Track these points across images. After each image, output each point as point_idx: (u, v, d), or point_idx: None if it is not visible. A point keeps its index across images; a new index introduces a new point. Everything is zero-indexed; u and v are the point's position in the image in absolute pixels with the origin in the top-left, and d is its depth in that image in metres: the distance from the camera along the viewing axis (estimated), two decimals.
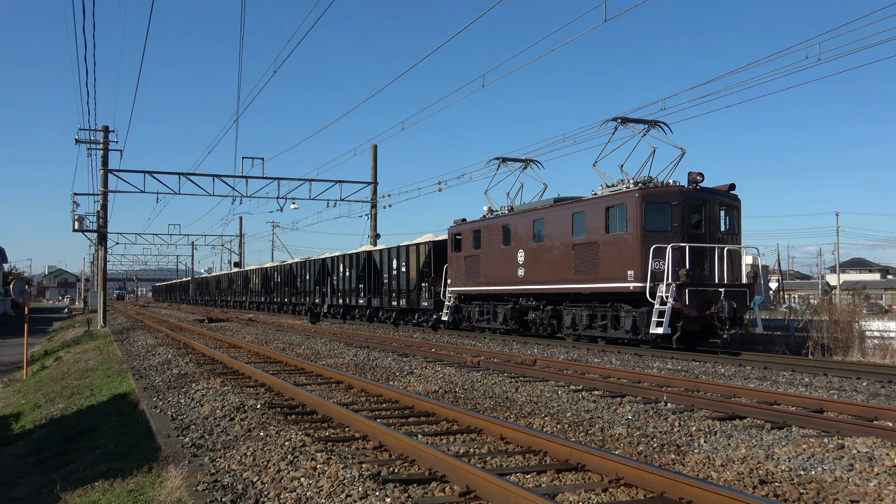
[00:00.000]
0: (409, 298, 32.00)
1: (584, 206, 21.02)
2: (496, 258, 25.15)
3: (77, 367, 22.56)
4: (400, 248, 33.52)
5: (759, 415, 9.84)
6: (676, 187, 19.46)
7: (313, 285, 45.95)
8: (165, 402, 11.98)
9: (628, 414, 10.17)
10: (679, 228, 18.92)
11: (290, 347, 22.64)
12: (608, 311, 20.49)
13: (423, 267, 30.96)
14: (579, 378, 13.63)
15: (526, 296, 24.11)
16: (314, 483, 6.50)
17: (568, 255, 21.29)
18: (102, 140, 41.62)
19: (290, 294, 51.93)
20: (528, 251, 23.34)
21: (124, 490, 7.18)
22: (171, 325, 37.50)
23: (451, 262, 28.41)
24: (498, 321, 25.50)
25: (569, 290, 21.46)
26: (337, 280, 41.67)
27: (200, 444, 8.63)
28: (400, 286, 32.99)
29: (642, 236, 18.75)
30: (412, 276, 31.88)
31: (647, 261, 18.47)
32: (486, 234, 25.98)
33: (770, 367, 15.84)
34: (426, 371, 15.53)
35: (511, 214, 24.93)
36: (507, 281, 24.45)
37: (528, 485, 6.66)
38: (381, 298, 35.22)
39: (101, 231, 43.13)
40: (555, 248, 22.00)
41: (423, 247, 31.22)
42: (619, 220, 19.43)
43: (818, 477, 6.86)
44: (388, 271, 34.34)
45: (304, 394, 11.45)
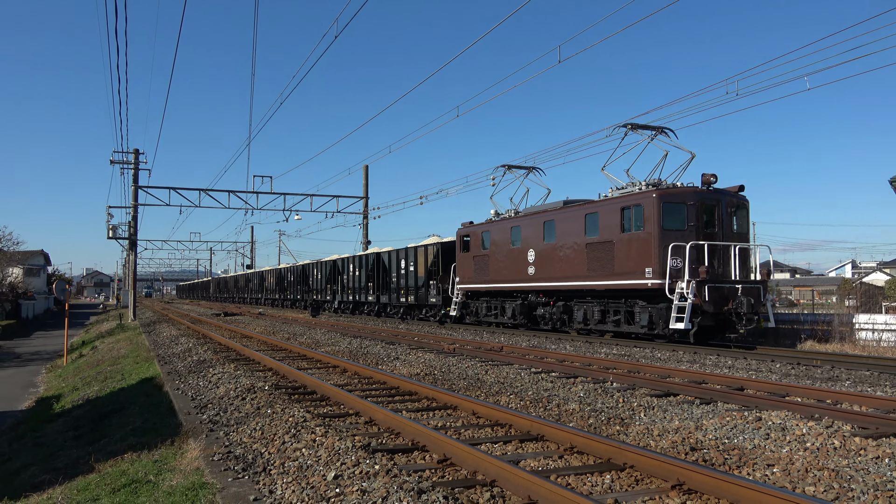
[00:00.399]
0: (418, 295, 30.41)
1: (597, 207, 19.28)
2: (505, 257, 23.49)
3: (110, 354, 22.27)
4: (408, 249, 31.82)
5: (690, 392, 9.87)
6: (691, 188, 17.84)
7: (324, 284, 44.34)
8: (186, 384, 11.84)
9: (580, 392, 10.17)
10: (694, 227, 17.38)
11: (294, 337, 22.48)
12: (621, 307, 18.85)
13: (431, 266, 29.42)
14: (539, 362, 13.63)
15: (535, 292, 22.41)
16: (314, 453, 6.44)
17: (581, 254, 19.72)
18: (133, 161, 41.14)
19: (302, 292, 50.04)
20: (538, 250, 21.67)
21: (150, 460, 7.08)
22: (192, 319, 37.11)
23: (459, 261, 26.72)
24: (506, 316, 23.95)
25: (581, 286, 19.83)
26: (347, 279, 40.03)
27: (216, 420, 8.53)
28: (408, 284, 31.43)
29: (660, 235, 17.12)
30: (420, 274, 30.28)
31: (665, 258, 16.93)
32: (495, 235, 24.32)
33: (698, 352, 15.92)
34: (410, 357, 15.46)
35: (520, 216, 23.21)
36: (517, 278, 22.80)
37: (496, 453, 6.63)
38: (389, 295, 33.63)
39: (131, 238, 42.69)
40: (566, 247, 20.38)
41: (432, 248, 29.73)
42: (635, 220, 17.82)
43: (740, 445, 6.89)
44: (396, 270, 32.77)
45: (305, 377, 11.36)
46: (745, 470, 5.96)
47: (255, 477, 5.94)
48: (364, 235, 47.59)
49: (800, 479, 5.68)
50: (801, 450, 6.58)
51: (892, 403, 8.69)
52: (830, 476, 5.70)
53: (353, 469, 5.80)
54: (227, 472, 6.09)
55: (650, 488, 5.40)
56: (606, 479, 5.70)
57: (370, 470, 5.73)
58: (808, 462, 6.13)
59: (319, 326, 28.12)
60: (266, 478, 5.88)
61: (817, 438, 6.89)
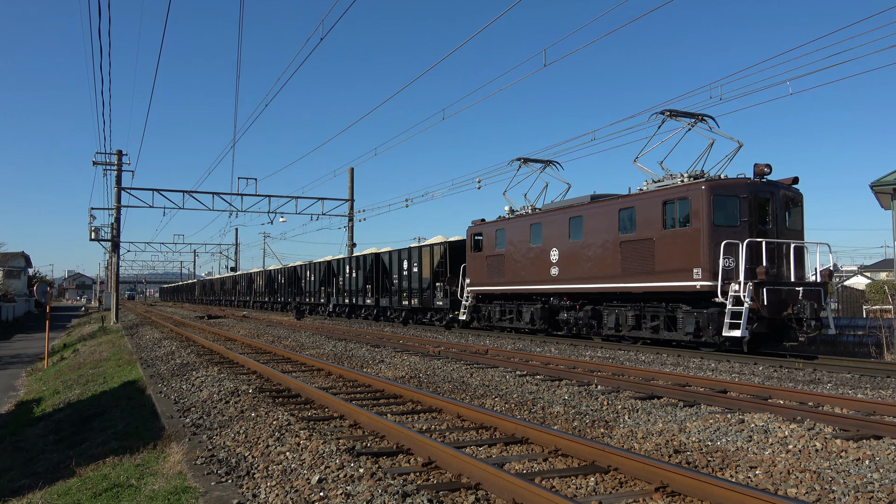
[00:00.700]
0: (423, 298, 28.62)
1: (633, 202, 17.45)
2: (524, 257, 21.64)
3: (92, 357, 22.05)
4: (412, 249, 29.97)
5: (673, 395, 9.92)
6: (744, 179, 16.04)
7: (318, 286, 42.57)
8: (169, 387, 11.74)
9: (565, 395, 10.20)
10: (747, 223, 15.58)
11: (278, 340, 22.37)
12: (660, 312, 16.98)
13: (437, 267, 27.65)
14: (524, 365, 13.65)
15: (558, 295, 20.60)
16: (298, 456, 6.41)
17: (613, 253, 17.89)
18: (117, 162, 40.84)
19: (293, 294, 47.95)
20: (562, 249, 19.89)
21: (132, 464, 7.02)
22: (175, 321, 36.83)
23: (470, 261, 24.77)
24: (523, 321, 22.03)
25: (613, 289, 17.99)
26: (343, 281, 37.99)
27: (199, 423, 8.47)
28: (412, 286, 29.55)
29: (711, 231, 15.37)
30: (426, 276, 28.50)
31: (716, 257, 15.19)
32: (511, 233, 22.42)
33: (682, 355, 16.00)
34: (395, 360, 15.43)
35: (542, 213, 21.26)
36: (538, 280, 20.93)
37: (481, 456, 6.63)
38: (389, 298, 31.79)
39: (114, 240, 42.35)
40: (596, 245, 18.59)
41: (438, 247, 27.84)
42: (680, 215, 16.08)
43: (723, 447, 6.93)
44: (398, 272, 30.91)
45: (289, 380, 11.30)
46: (728, 472, 6.00)
47: (239, 481, 5.90)
48: (349, 238, 47.51)
49: (782, 480, 5.72)
50: (784, 452, 6.63)
51: (872, 406, 8.78)
52: (812, 478, 5.75)
53: (338, 472, 5.78)
54: (210, 476, 6.04)
55: (634, 490, 5.42)
56: (591, 481, 5.71)
57: (354, 473, 5.71)
58: (791, 464, 6.18)
59: (304, 329, 28.01)
60: (250, 481, 5.84)
61: (799, 441, 6.95)
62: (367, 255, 34.92)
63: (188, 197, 42.67)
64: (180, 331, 27.06)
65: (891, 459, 6.30)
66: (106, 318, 43.43)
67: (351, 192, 47.77)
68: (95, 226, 43.06)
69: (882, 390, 10.76)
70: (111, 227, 42.07)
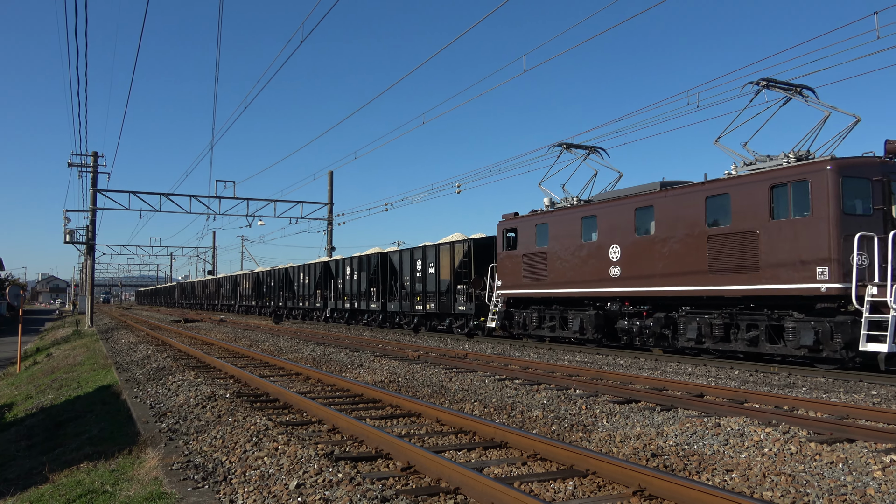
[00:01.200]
0: (441, 302, 25.50)
1: (726, 187, 14.85)
2: (573, 255, 18.85)
3: (66, 362, 21.74)
4: (428, 248, 26.84)
5: (651, 399, 9.99)
6: (875, 158, 13.50)
7: (313, 289, 39.16)
8: (145, 392, 11.62)
9: (544, 399, 10.23)
10: (881, 212, 13.15)
11: (256, 344, 22.22)
12: (760, 320, 14.30)
13: (459, 267, 24.67)
14: (503, 369, 13.67)
15: (618, 299, 17.78)
16: (276, 461, 6.37)
17: (697, 250, 15.19)
18: (92, 164, 40.37)
19: (285, 298, 44.59)
20: (626, 246, 17.10)
21: (107, 470, 6.92)
22: (151, 325, 36.44)
23: (501, 261, 21.83)
24: (570, 329, 19.19)
25: (698, 292, 15.24)
26: (342, 283, 34.86)
27: (176, 428, 8.39)
28: (427, 289, 26.46)
29: (840, 221, 12.80)
30: (444, 277, 25.39)
31: (847, 253, 12.64)
32: (556, 228, 19.61)
33: (660, 359, 16.12)
34: (374, 364, 15.39)
35: (597, 204, 18.46)
36: (591, 282, 18.18)
37: (460, 460, 6.63)
38: (399, 302, 28.68)
39: (89, 243, 41.84)
40: (673, 240, 15.85)
41: (461, 245, 24.87)
42: (795, 201, 13.55)
43: (700, 450, 7.00)
44: (409, 273, 27.92)
45: (267, 384, 11.23)
46: (704, 475, 6.05)
47: (216, 486, 5.84)
48: (328, 241, 47.35)
49: (757, 484, 5.78)
50: (759, 455, 6.71)
51: (845, 409, 8.90)
52: (787, 481, 5.81)
53: (316, 477, 5.75)
54: (186, 482, 5.98)
55: (612, 494, 5.45)
56: (569, 485, 5.73)
57: (333, 478, 5.68)
58: (766, 467, 6.25)
59: (282, 333, 27.84)
60: (227, 487, 5.79)
61: (774, 444, 7.03)
62: (371, 256, 32.04)
63: (165, 199, 42.31)
64: (156, 335, 26.77)
65: (863, 462, 6.40)
66: (80, 322, 42.85)
67: (330, 195, 47.63)
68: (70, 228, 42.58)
69: (855, 394, 10.92)
70: (86, 230, 41.59)
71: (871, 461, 6.41)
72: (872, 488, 5.60)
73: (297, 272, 42.53)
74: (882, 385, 11.88)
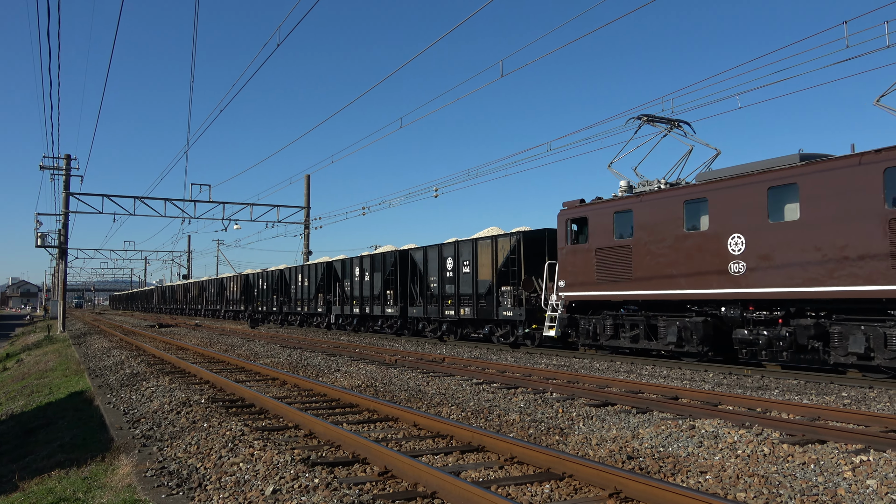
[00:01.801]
0: (480, 307, 22.00)
1: None
2: (672, 249, 15.55)
3: (37, 368, 21.39)
4: (462, 245, 23.19)
5: (627, 402, 10.06)
6: None
7: (313, 292, 35.45)
8: (118, 398, 11.47)
9: (521, 402, 10.26)
10: None
11: (232, 349, 22.03)
12: None
13: (504, 266, 21.08)
14: (480, 373, 13.69)
15: (741, 303, 14.39)
16: (251, 467, 6.32)
17: (873, 239, 12.02)
18: (65, 167, 39.84)
19: (279, 303, 40.59)
20: (754, 235, 13.91)
21: (79, 477, 6.82)
22: (125, 330, 35.98)
23: (564, 257, 18.31)
24: (662, 339, 15.89)
25: (875, 293, 11.99)
26: (350, 286, 31.16)
27: (150, 435, 8.30)
28: (460, 292, 22.96)
29: None
30: (485, 277, 21.93)
31: None
32: (646, 215, 16.20)
33: (635, 363, 16.24)
34: (351, 368, 15.33)
35: (707, 184, 15.07)
36: (700, 281, 14.94)
37: (437, 464, 6.63)
38: (423, 307, 25.12)
39: (61, 247, 41.26)
40: (829, 227, 12.68)
41: (506, 240, 21.17)
42: None
43: (675, 453, 7.06)
44: (438, 273, 24.28)
45: (243, 389, 11.14)
46: (679, 477, 6.11)
47: (190, 493, 5.79)
48: (305, 245, 47.16)
49: (731, 485, 5.85)
50: (733, 457, 6.79)
51: (817, 411, 9.04)
52: (760, 482, 5.89)
53: (293, 483, 5.71)
54: (160, 489, 5.92)
55: (588, 497, 5.48)
56: (546, 488, 5.75)
57: (309, 484, 5.65)
58: (739, 469, 6.32)
59: (258, 338, 27.64)
60: (201, 493, 5.74)
61: (748, 446, 7.12)
62: (387, 254, 28.63)
63: (139, 203, 41.85)
64: (130, 340, 26.43)
65: (834, 463, 6.50)
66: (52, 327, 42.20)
67: (307, 199, 47.44)
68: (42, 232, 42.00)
69: (826, 396, 11.09)
70: (58, 233, 41.01)
71: (842, 462, 6.51)
72: (843, 488, 5.69)
73: (295, 274, 38.81)
74: (852, 387, 12.08)
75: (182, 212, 43.16)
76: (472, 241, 22.70)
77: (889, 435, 7.42)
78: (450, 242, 23.97)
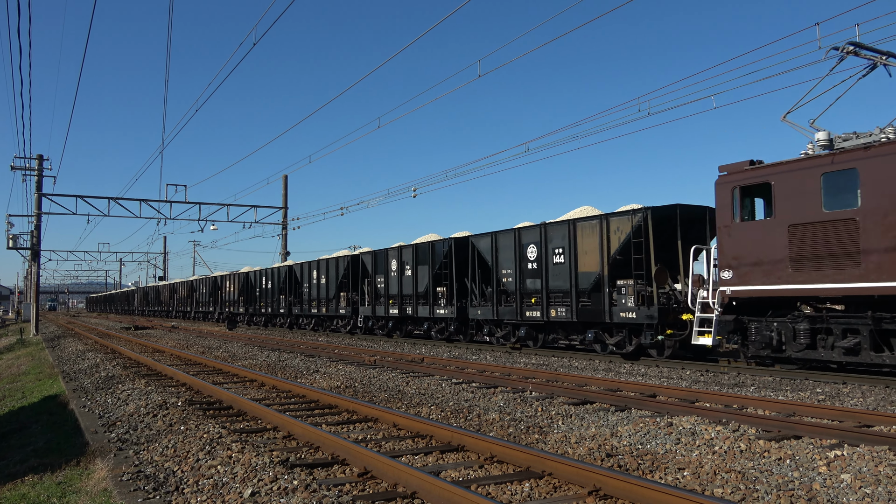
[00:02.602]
0: (580, 307, 17.62)
1: None
2: None
3: (9, 371, 21.04)
4: (551, 228, 18.69)
5: (605, 400, 10.12)
6: None
7: (335, 291, 30.82)
8: (93, 401, 11.32)
9: (500, 402, 10.28)
10: None
11: (209, 351, 21.83)
12: None
13: (621, 253, 16.74)
14: (460, 373, 13.70)
15: None
16: (230, 470, 6.26)
17: None
18: (37, 167, 39.27)
19: (288, 304, 35.80)
20: None
21: (53, 482, 6.72)
22: (100, 333, 35.52)
23: (729, 238, 13.83)
24: None
25: None
26: (386, 283, 26.52)
27: (125, 438, 8.19)
28: (549, 286, 18.51)
29: None
30: (589, 269, 17.41)
31: None
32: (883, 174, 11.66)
33: (614, 361, 16.33)
34: (330, 369, 15.27)
35: None
36: None
37: (417, 464, 6.62)
38: (493, 307, 20.62)
39: (34, 249, 40.65)
40: None
41: (624, 220, 16.62)
42: None
43: (653, 450, 7.11)
44: (515, 266, 19.73)
45: (221, 391, 11.04)
46: (657, 474, 6.15)
47: (168, 496, 5.72)
48: (283, 246, 46.91)
49: (709, 481, 5.90)
50: (710, 453, 6.85)
51: (792, 407, 9.16)
52: (737, 478, 5.95)
53: (271, 485, 5.67)
54: (136, 493, 5.84)
55: (568, 494, 5.51)
56: (525, 487, 5.77)
57: (289, 486, 5.61)
58: (717, 465, 6.38)
59: (236, 339, 27.43)
60: (179, 497, 5.67)
61: (725, 442, 7.19)
62: (437, 243, 23.94)
63: (114, 204, 41.35)
64: (105, 342, 26.10)
65: (809, 458, 6.59)
66: (25, 330, 41.55)
67: (285, 199, 47.19)
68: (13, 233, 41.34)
69: (801, 392, 11.24)
70: (31, 235, 40.40)
71: (817, 457, 6.60)
72: (818, 483, 5.77)
73: (309, 270, 33.54)
74: (826, 383, 12.24)
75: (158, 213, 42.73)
76: (568, 222, 18.14)
77: (862, 430, 7.54)
78: (532, 226, 19.39)
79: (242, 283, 43.57)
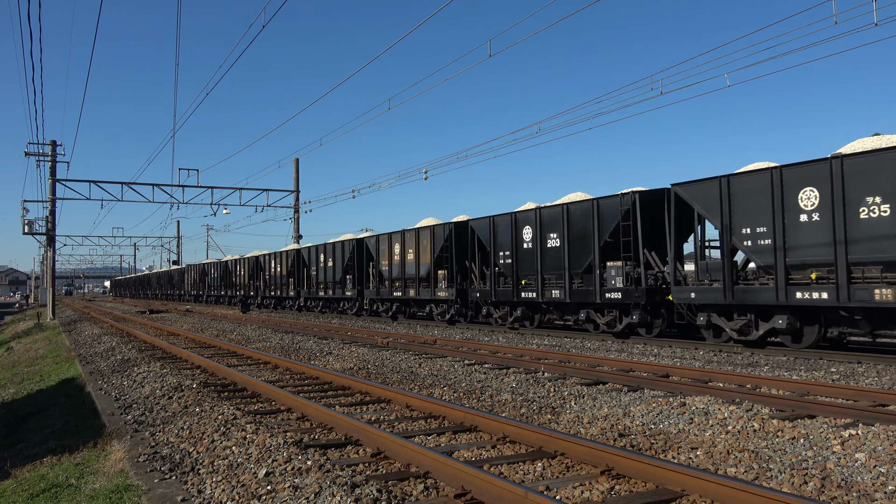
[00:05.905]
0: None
1: None
2: None
3: (27, 355, 21.31)
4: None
5: (618, 380, 10.12)
6: None
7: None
8: (110, 384, 11.44)
9: (513, 383, 10.29)
10: None
11: (223, 334, 21.99)
12: None
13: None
14: (472, 354, 13.73)
15: None
16: (244, 451, 6.32)
17: None
18: (51, 153, 39.49)
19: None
20: None
21: (71, 463, 6.81)
22: (115, 317, 35.85)
23: None
24: None
25: None
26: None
27: (142, 420, 8.28)
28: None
29: None
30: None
31: None
32: None
33: (626, 342, 16.31)
34: (343, 351, 15.34)
35: None
36: None
37: (430, 445, 6.65)
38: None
39: (49, 234, 41.03)
40: None
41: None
42: None
43: (665, 430, 7.11)
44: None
45: (235, 373, 11.13)
46: (670, 454, 6.15)
47: (183, 477, 5.78)
48: (295, 230, 47.03)
49: (722, 460, 5.89)
50: (723, 433, 6.84)
51: (806, 386, 9.11)
52: (750, 457, 5.94)
53: (285, 465, 5.72)
54: (153, 473, 5.91)
55: (580, 474, 5.52)
56: (538, 466, 5.78)
57: (302, 466, 5.65)
58: (730, 444, 6.37)
59: (250, 322, 27.60)
60: (194, 477, 5.74)
61: (738, 422, 7.17)
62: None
63: (127, 189, 41.59)
64: (121, 326, 26.35)
65: (823, 437, 6.56)
66: (42, 315, 42.01)
67: (296, 183, 47.23)
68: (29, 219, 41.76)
69: (815, 371, 11.18)
70: (46, 221, 40.77)
71: (831, 436, 6.57)
72: (832, 462, 5.75)
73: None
74: (840, 363, 12.18)
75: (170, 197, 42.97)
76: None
77: (877, 409, 7.50)
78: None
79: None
